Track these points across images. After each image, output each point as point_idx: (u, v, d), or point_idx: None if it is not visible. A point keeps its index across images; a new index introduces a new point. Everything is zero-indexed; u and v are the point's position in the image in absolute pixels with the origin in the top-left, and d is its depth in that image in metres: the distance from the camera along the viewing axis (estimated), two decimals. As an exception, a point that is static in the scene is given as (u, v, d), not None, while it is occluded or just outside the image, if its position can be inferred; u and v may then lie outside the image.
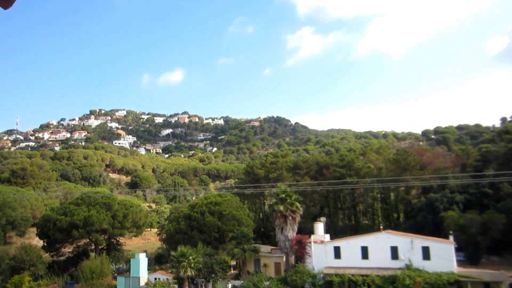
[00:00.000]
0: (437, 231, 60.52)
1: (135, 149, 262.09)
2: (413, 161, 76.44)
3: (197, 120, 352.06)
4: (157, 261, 76.07)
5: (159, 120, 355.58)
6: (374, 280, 43.57)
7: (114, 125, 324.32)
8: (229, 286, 53.31)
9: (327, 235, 56.79)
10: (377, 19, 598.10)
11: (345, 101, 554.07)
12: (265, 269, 57.71)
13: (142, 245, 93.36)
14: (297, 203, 56.14)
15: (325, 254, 50.89)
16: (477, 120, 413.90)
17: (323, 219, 62.73)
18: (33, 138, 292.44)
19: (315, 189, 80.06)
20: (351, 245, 49.96)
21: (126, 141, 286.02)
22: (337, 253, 50.44)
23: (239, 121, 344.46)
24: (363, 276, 44.78)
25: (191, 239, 65.86)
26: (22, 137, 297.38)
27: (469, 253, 58.27)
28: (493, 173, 66.49)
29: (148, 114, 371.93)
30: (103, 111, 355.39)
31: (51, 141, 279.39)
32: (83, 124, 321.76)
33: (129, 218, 75.18)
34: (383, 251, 47.34)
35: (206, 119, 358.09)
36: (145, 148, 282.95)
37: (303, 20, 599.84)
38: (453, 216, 59.77)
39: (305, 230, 62.13)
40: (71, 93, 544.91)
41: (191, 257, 52.48)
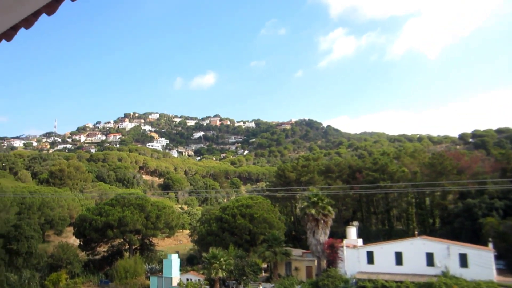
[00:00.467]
0: (475, 238, 58.29)
1: (167, 151, 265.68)
2: (450, 165, 74.14)
3: (228, 123, 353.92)
4: (189, 262, 76.55)
5: (191, 123, 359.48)
6: (408, 286, 42.32)
7: (147, 128, 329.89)
8: (260, 289, 53.00)
9: (360, 240, 55.74)
10: (412, 19, 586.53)
11: (379, 104, 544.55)
12: (296, 273, 57.08)
13: (174, 246, 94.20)
14: (329, 207, 55.36)
15: (357, 259, 49.90)
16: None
17: (355, 223, 61.68)
18: (70, 140, 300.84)
19: (348, 193, 78.84)
20: (384, 250, 48.81)
21: (159, 143, 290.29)
22: (370, 258, 49.37)
23: (270, 124, 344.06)
24: (397, 282, 43.58)
25: (223, 241, 65.93)
26: (60, 140, 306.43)
27: (509, 261, 55.78)
28: (536, 178, 63.65)
29: (180, 117, 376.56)
30: (137, 114, 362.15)
31: (87, 143, 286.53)
32: (118, 127, 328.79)
33: (161, 219, 76.03)
34: (418, 258, 46.01)
35: (237, 122, 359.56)
36: (177, 150, 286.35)
37: (335, 21, 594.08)
38: (492, 222, 57.49)
39: (337, 234, 61.20)
40: (106, 97, 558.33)
41: (222, 259, 52.49)
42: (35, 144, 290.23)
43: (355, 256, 50.29)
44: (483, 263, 42.33)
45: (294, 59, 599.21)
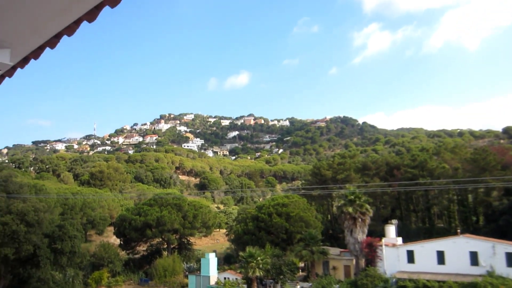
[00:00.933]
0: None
1: (203, 151, 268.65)
2: (494, 160, 71.49)
3: (262, 122, 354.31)
4: (226, 261, 77.07)
5: (225, 122, 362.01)
6: (451, 286, 41.05)
7: (182, 128, 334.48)
8: (298, 287, 52.75)
9: (399, 238, 54.58)
10: (450, 11, 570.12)
11: (416, 99, 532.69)
12: (334, 272, 56.50)
13: (211, 245, 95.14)
14: (367, 205, 54.44)
15: (397, 258, 48.85)
16: None
17: (394, 221, 60.42)
18: (109, 142, 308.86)
19: (386, 190, 77.35)
20: (425, 249, 47.58)
21: (194, 144, 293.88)
22: (411, 257, 48.23)
23: (305, 122, 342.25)
24: (439, 282, 42.35)
25: (259, 240, 65.99)
26: (99, 142, 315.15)
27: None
28: None
29: (215, 117, 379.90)
30: (172, 116, 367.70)
31: (125, 145, 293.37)
32: (154, 128, 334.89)
33: (198, 218, 76.89)
34: (461, 257, 44.57)
35: (271, 120, 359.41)
36: (212, 150, 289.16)
37: (370, 16, 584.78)
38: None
39: (376, 232, 60.16)
40: (143, 99, 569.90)
41: (259, 258, 52.51)
42: (76, 146, 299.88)
43: (394, 255, 49.26)
44: (531, 262, 40.64)
45: (327, 56, 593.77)
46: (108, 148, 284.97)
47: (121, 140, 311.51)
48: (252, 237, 67.65)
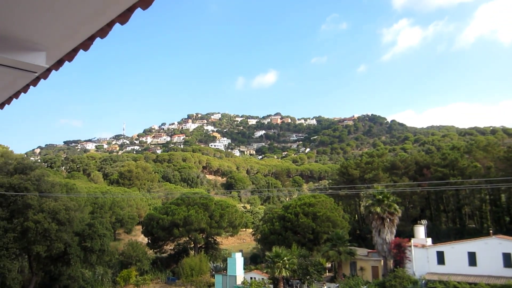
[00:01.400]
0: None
1: (229, 151, 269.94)
2: (527, 159, 69.41)
3: (289, 121, 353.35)
4: (252, 261, 77.21)
5: (252, 122, 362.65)
6: (484, 289, 40.06)
7: (210, 128, 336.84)
8: (325, 288, 52.39)
9: (429, 239, 53.51)
10: (484, 5, 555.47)
11: (447, 96, 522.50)
12: (362, 273, 55.85)
13: (237, 245, 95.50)
14: (395, 205, 53.64)
15: (427, 259, 47.97)
16: None
17: (424, 221, 59.26)
18: (137, 142, 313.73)
19: (415, 190, 76.04)
20: (456, 250, 46.55)
21: (221, 143, 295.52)
22: (441, 258, 47.28)
23: (332, 121, 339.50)
24: (470, 284, 41.37)
25: (285, 240, 65.85)
26: (128, 142, 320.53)
27: None
28: None
29: (241, 116, 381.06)
30: (199, 115, 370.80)
31: (153, 144, 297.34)
32: (182, 128, 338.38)
33: (225, 218, 77.25)
34: (494, 258, 43.41)
35: (298, 119, 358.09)
36: (239, 150, 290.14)
37: (399, 12, 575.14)
38: None
39: (404, 233, 59.24)
40: (171, 99, 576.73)
41: (285, 258, 52.39)
42: (105, 146, 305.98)
43: (424, 256, 48.39)
44: None
45: (356, 53, 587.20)
46: (136, 147, 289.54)
47: (149, 139, 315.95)
48: (278, 237, 67.56)
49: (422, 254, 48.49)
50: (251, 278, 57.67)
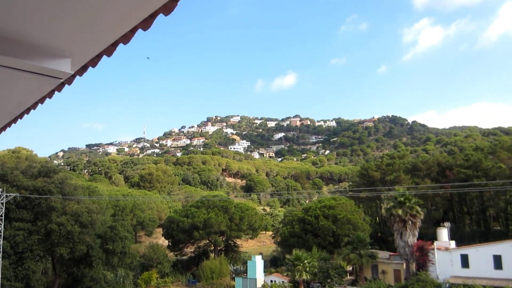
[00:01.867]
0: None
1: (249, 153, 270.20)
2: (554, 160, 67.70)
3: (308, 123, 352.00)
4: (272, 264, 77.05)
5: (271, 124, 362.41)
6: (510, 293, 39.18)
7: (229, 130, 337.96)
8: (346, 292, 51.98)
9: (452, 242, 52.61)
10: (508, 2, 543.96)
11: (470, 96, 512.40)
12: (384, 276, 55.18)
13: (257, 248, 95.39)
14: (417, 207, 52.88)
15: (450, 262, 47.15)
16: None
17: (447, 224, 58.26)
18: (158, 145, 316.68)
19: (437, 192, 74.85)
20: (481, 253, 45.64)
21: (240, 146, 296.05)
22: (465, 261, 46.43)
23: (352, 122, 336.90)
24: (496, 288, 40.53)
25: (306, 243, 65.54)
26: (148, 145, 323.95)
27: None
28: None
29: (260, 118, 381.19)
30: (219, 118, 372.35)
31: (173, 147, 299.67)
32: (201, 131, 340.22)
33: (245, 220, 77.31)
34: (520, 262, 42.43)
35: (317, 121, 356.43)
36: (258, 152, 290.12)
37: (420, 11, 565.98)
38: None
39: (427, 236, 58.30)
40: (190, 102, 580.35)
41: (306, 261, 52.15)
42: (126, 149, 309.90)
43: (447, 259, 47.58)
44: None
45: (376, 54, 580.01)
46: (157, 150, 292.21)
47: (169, 142, 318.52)
48: (298, 240, 67.27)
49: (445, 257, 47.70)
50: (271, 281, 57.57)
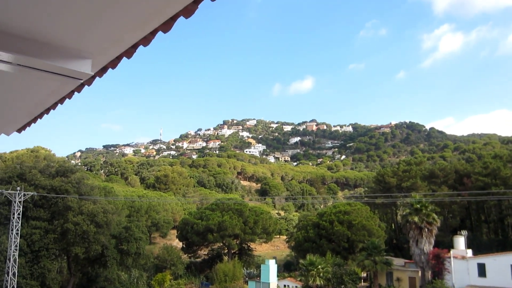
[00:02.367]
0: None
1: (264, 157, 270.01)
2: None
3: (325, 127, 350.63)
4: (286, 268, 76.76)
5: (287, 128, 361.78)
6: (528, 304, 38.37)
7: (245, 134, 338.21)
8: (360, 298, 51.49)
9: (469, 250, 51.75)
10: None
11: (490, 103, 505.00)
12: (398, 284, 54.53)
13: (271, 252, 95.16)
14: (434, 214, 52.16)
15: (467, 271, 46.40)
16: None
17: (464, 232, 57.40)
18: (174, 147, 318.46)
19: (454, 199, 73.81)
20: (498, 262, 44.84)
21: (256, 149, 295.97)
22: (482, 270, 45.63)
23: (368, 128, 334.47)
24: (514, 299, 39.74)
25: (320, 248, 65.18)
26: (164, 147, 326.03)
27: None
28: None
29: (277, 122, 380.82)
30: (235, 121, 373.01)
31: (189, 150, 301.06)
32: (217, 133, 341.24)
33: (259, 224, 77.23)
34: (540, 272, 41.56)
35: (334, 126, 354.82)
36: (274, 156, 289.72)
37: (441, 17, 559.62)
38: None
39: (443, 243, 57.50)
40: (207, 105, 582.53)
41: (320, 266, 51.85)
42: (143, 151, 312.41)
43: (464, 268, 46.84)
44: None
45: (395, 59, 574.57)
46: (173, 152, 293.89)
47: (185, 145, 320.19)
48: (312, 245, 66.94)
49: (462, 265, 46.98)
50: (285, 285, 57.40)
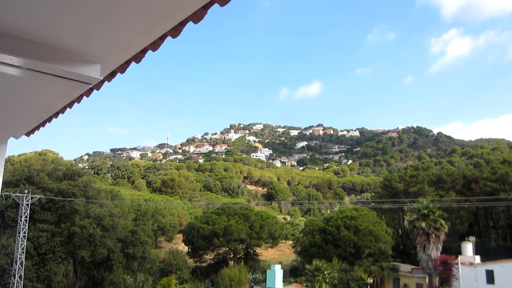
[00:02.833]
0: None
1: (271, 161, 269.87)
2: None
3: (331, 132, 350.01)
4: (292, 273, 76.44)
5: (294, 133, 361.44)
6: (537, 312, 37.92)
7: (251, 138, 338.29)
8: (367, 304, 51.15)
9: (477, 257, 51.29)
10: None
11: (498, 107, 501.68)
12: (406, 290, 54.18)
13: (277, 257, 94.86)
14: (441, 220, 51.76)
15: (475, 278, 45.98)
16: None
17: (472, 238, 56.88)
18: (180, 151, 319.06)
19: (462, 205, 73.30)
20: (507, 269, 44.40)
21: (262, 154, 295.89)
22: (490, 277, 45.20)
23: (375, 132, 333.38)
24: (523, 306, 39.29)
25: (326, 253, 64.90)
26: (171, 150, 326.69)
27: None
28: None
29: (283, 127, 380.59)
30: (241, 125, 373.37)
31: (195, 154, 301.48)
32: (224, 138, 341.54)
33: (265, 229, 77.03)
34: (549, 279, 41.10)
35: (341, 131, 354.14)
36: (280, 160, 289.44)
37: (449, 22, 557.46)
38: None
39: (451, 249, 57.11)
40: (213, 109, 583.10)
41: (326, 272, 51.56)
42: (149, 154, 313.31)
43: (472, 274, 46.42)
44: None
45: (403, 64, 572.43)
46: (179, 156, 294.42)
47: (192, 149, 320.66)
48: (319, 250, 66.68)
49: (470, 272, 46.56)
50: (291, 290, 57.08)
